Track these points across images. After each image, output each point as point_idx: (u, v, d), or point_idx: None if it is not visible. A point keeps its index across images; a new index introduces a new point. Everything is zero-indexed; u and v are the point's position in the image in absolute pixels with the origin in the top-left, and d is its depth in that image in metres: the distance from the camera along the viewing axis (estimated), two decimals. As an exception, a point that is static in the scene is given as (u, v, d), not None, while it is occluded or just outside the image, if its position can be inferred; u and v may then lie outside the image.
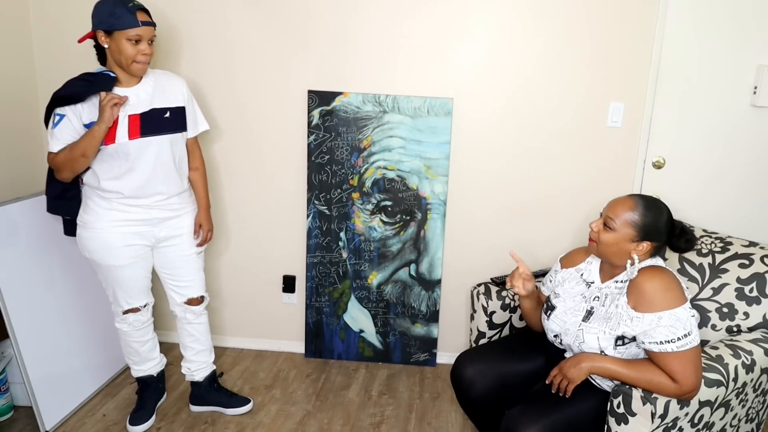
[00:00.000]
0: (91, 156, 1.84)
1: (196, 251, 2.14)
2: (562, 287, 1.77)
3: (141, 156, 1.91)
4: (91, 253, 1.98)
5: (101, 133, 1.81)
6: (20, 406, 2.27)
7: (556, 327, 1.72)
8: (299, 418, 2.30)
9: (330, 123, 2.52)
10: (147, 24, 1.83)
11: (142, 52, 1.84)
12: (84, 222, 1.97)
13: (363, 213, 2.60)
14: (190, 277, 2.15)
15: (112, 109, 1.80)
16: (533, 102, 2.50)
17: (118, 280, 2.02)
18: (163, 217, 2.03)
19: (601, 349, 1.59)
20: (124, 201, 1.94)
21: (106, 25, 1.80)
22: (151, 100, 1.94)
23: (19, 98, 2.52)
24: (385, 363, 2.75)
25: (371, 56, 2.50)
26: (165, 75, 2.04)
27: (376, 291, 2.67)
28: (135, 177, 1.92)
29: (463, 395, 1.81)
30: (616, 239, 1.60)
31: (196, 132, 2.14)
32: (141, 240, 2.01)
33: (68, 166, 1.85)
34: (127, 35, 1.80)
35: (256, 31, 2.50)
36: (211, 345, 2.31)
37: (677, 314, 1.49)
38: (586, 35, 2.42)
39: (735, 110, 2.46)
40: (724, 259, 1.92)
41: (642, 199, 1.62)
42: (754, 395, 1.73)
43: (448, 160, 2.53)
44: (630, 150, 2.52)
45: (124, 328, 2.11)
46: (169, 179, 2.00)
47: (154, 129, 1.93)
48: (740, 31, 2.39)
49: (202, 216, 2.17)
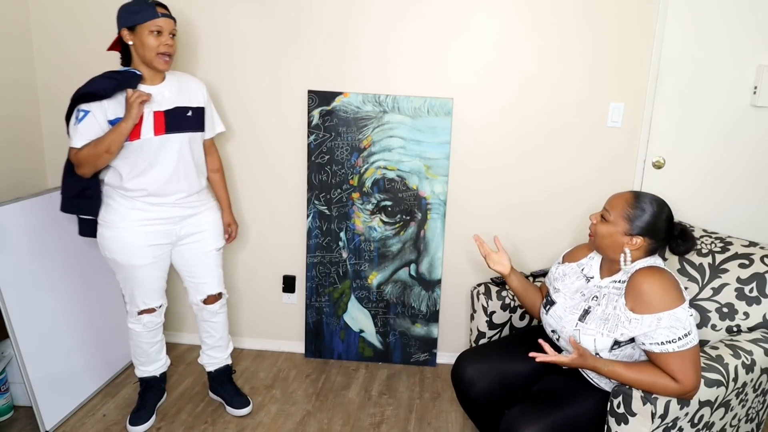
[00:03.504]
0: (115, 152, 1.87)
1: (215, 248, 2.19)
2: (563, 282, 1.77)
3: (163, 152, 1.96)
4: (112, 253, 1.99)
5: (127, 129, 1.85)
6: (20, 406, 2.27)
7: (553, 323, 1.72)
8: (299, 418, 2.30)
9: (330, 123, 2.52)
10: (166, 16, 1.90)
11: (164, 43, 1.89)
12: (106, 221, 1.99)
13: (363, 213, 2.60)
14: (208, 274, 2.19)
15: (139, 106, 1.85)
16: (533, 102, 2.50)
17: (138, 280, 2.04)
18: (184, 214, 2.07)
19: (596, 351, 1.58)
20: (148, 199, 1.98)
21: (129, 22, 1.87)
22: (175, 99, 2.01)
23: (19, 99, 2.53)
24: (385, 363, 2.75)
25: (371, 56, 2.50)
26: (187, 76, 2.12)
27: (376, 291, 2.67)
28: (158, 173, 1.96)
29: (463, 394, 1.82)
30: (610, 231, 1.61)
31: (213, 133, 2.21)
32: (163, 239, 2.05)
33: (91, 162, 1.88)
34: (148, 27, 1.86)
35: (256, 31, 2.50)
36: (227, 342, 2.35)
37: (676, 314, 1.48)
38: (586, 35, 2.42)
39: (735, 110, 2.46)
40: (724, 259, 1.92)
41: (641, 195, 1.62)
42: (754, 395, 1.73)
43: (448, 160, 2.53)
44: (630, 150, 2.52)
45: (138, 328, 2.13)
46: (189, 177, 2.05)
47: (177, 126, 1.98)
48: (740, 31, 2.39)
49: (228, 216, 2.27)
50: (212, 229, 2.17)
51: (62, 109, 2.62)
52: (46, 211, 2.27)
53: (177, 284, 2.70)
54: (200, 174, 2.12)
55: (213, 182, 2.25)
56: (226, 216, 2.26)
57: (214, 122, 2.21)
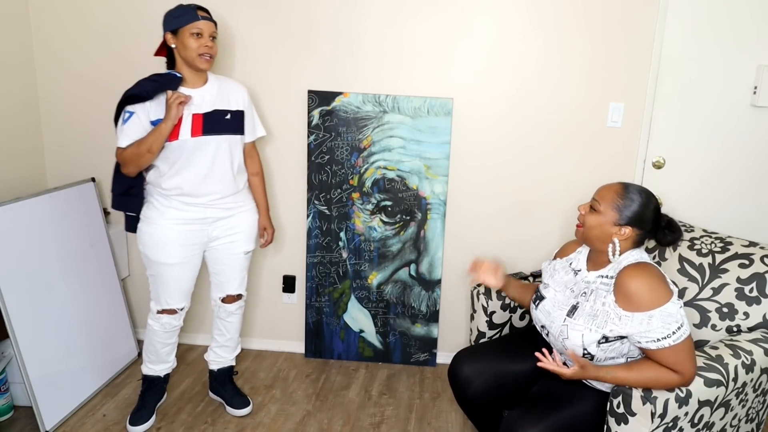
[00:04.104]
0: (156, 152, 1.93)
1: (244, 251, 2.21)
2: (552, 278, 1.79)
3: (199, 153, 2.01)
4: (145, 248, 2.05)
5: (167, 130, 1.91)
6: (20, 406, 2.27)
7: (542, 318, 1.73)
8: (299, 418, 2.30)
9: (330, 123, 2.52)
10: (206, 19, 1.97)
11: (204, 44, 1.95)
12: (146, 217, 2.07)
13: (363, 213, 2.60)
14: (233, 275, 2.23)
15: (178, 108, 1.91)
16: (533, 102, 2.50)
17: (164, 278, 2.08)
18: (218, 216, 2.11)
19: (584, 346, 1.59)
20: (183, 199, 2.03)
21: (172, 25, 1.95)
22: (214, 102, 2.05)
23: (20, 99, 2.53)
24: (385, 363, 2.75)
25: (371, 56, 2.50)
26: (229, 81, 2.16)
27: (376, 291, 2.67)
28: (193, 173, 2.01)
29: (460, 393, 1.82)
30: (599, 222, 1.62)
31: (254, 137, 2.23)
32: (195, 239, 2.08)
33: (134, 161, 1.95)
34: (189, 30, 1.93)
35: (256, 31, 2.50)
36: (236, 343, 2.37)
37: (667, 310, 1.49)
38: (585, 35, 2.42)
39: (735, 110, 2.46)
40: (724, 259, 1.92)
41: (629, 186, 1.64)
42: (754, 395, 1.73)
43: (448, 160, 2.53)
44: (630, 150, 2.52)
45: (155, 327, 2.16)
46: (225, 179, 2.08)
47: (214, 129, 2.03)
48: (740, 31, 2.39)
49: (265, 220, 2.30)
50: (245, 232, 2.19)
51: (62, 109, 2.64)
52: (46, 211, 2.28)
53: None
54: (237, 177, 2.14)
55: (252, 185, 2.27)
56: (262, 219, 2.29)
57: (255, 126, 2.23)
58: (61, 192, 2.38)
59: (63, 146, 2.68)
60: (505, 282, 1.93)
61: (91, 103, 2.62)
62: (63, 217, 2.34)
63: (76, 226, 2.41)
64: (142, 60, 2.54)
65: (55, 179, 2.70)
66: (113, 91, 2.59)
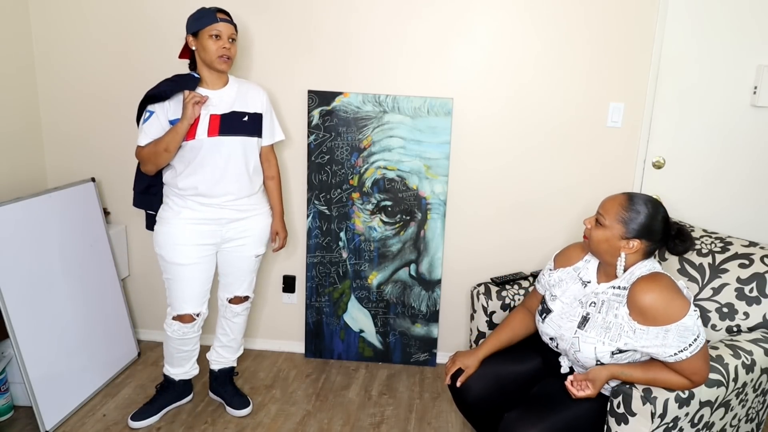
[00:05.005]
0: (173, 151, 1.96)
1: (254, 254, 2.21)
2: (559, 288, 1.73)
3: (215, 154, 2.02)
4: (160, 248, 2.07)
5: (183, 129, 1.93)
6: (20, 406, 2.27)
7: (551, 331, 1.69)
8: (299, 418, 2.30)
9: (330, 123, 2.52)
10: (226, 21, 1.99)
11: (223, 46, 1.98)
12: (161, 217, 2.09)
13: (363, 213, 2.60)
14: (242, 277, 2.23)
15: (194, 107, 1.92)
16: (533, 102, 2.50)
17: (179, 281, 2.08)
18: (232, 218, 2.11)
19: (597, 358, 1.56)
20: (198, 199, 2.04)
21: (193, 28, 1.99)
22: (233, 104, 2.07)
23: (20, 99, 2.53)
24: (385, 363, 2.75)
25: (371, 56, 2.50)
26: (248, 84, 2.18)
27: (376, 291, 2.67)
28: (208, 173, 2.02)
29: (461, 399, 1.80)
30: (606, 236, 1.58)
31: (272, 140, 2.23)
32: (209, 239, 2.09)
33: (152, 160, 1.98)
34: (208, 32, 1.97)
35: (256, 31, 2.50)
36: (238, 345, 2.37)
37: (684, 324, 1.46)
38: (585, 35, 2.42)
39: (735, 110, 2.46)
40: (724, 259, 1.92)
41: (635, 197, 1.59)
42: (754, 395, 1.73)
43: (448, 160, 2.53)
44: (630, 150, 2.52)
45: (168, 332, 2.16)
46: (240, 180, 2.08)
47: (231, 130, 2.04)
48: (740, 31, 2.39)
49: (278, 224, 2.29)
50: (256, 235, 2.19)
51: (62, 110, 2.63)
52: (46, 211, 2.28)
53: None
54: (253, 179, 2.14)
55: (268, 189, 2.27)
56: (276, 223, 2.28)
57: (274, 130, 2.24)
58: (61, 192, 2.37)
59: (63, 146, 2.68)
60: (487, 351, 1.79)
61: (91, 104, 2.62)
62: (63, 217, 2.34)
63: (76, 226, 2.41)
64: (142, 60, 2.54)
65: (55, 179, 2.70)
66: (113, 92, 2.59)
